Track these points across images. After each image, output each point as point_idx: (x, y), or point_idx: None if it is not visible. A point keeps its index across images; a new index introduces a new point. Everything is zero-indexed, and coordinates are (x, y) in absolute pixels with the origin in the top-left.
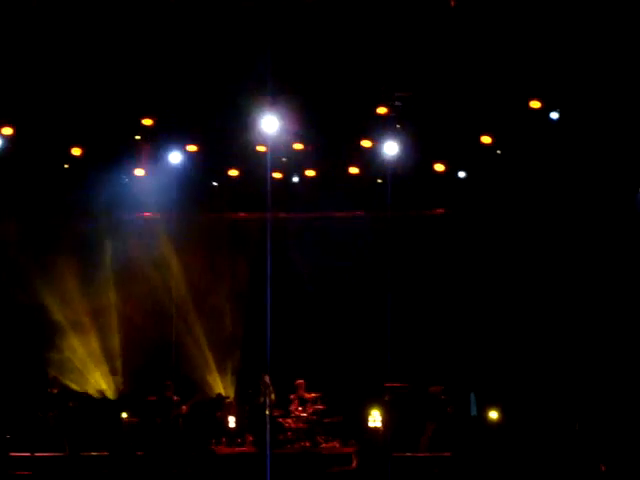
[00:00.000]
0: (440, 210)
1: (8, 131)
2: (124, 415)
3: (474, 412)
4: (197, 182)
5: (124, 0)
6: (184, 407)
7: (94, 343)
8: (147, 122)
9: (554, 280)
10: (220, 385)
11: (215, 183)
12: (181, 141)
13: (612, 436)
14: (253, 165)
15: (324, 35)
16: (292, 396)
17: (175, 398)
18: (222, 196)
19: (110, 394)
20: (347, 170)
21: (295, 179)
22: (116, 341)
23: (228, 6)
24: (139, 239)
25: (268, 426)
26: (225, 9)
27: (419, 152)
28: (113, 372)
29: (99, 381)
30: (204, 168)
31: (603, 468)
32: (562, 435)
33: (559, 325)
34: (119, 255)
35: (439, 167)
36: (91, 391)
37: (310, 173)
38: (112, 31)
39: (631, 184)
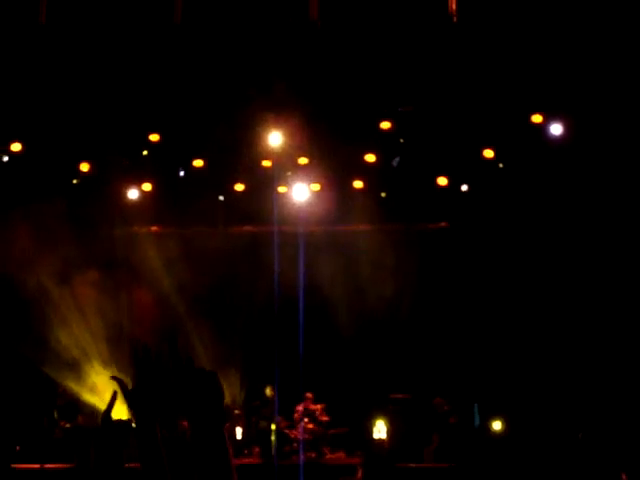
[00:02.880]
0: (443, 223)
1: (17, 147)
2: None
3: (477, 423)
4: (203, 196)
5: (130, 19)
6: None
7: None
8: (154, 138)
9: (557, 292)
10: (227, 397)
11: (221, 197)
12: (187, 156)
13: (616, 446)
14: (259, 179)
15: (328, 51)
16: (298, 407)
17: None
18: (228, 210)
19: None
20: (351, 184)
21: (301, 193)
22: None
23: (234, 24)
24: (148, 254)
25: (274, 437)
26: (231, 27)
27: (422, 166)
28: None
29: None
30: (210, 182)
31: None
32: (565, 445)
33: (562, 336)
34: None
35: (442, 181)
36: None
37: (315, 187)
38: (118, 48)
39: (635, 198)
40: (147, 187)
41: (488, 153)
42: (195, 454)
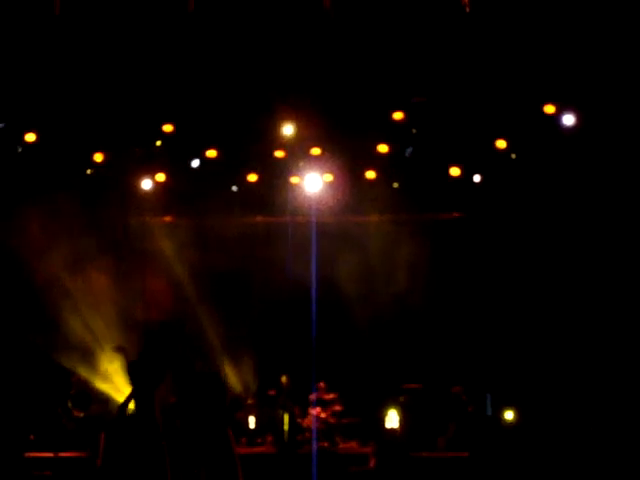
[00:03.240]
0: (456, 213)
1: (31, 137)
2: None
3: (490, 413)
4: (216, 187)
5: (144, 8)
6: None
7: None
8: (167, 128)
9: (570, 282)
10: (240, 386)
11: (234, 188)
12: (201, 147)
13: (627, 437)
14: (271, 170)
15: (341, 41)
16: (311, 397)
17: None
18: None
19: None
20: (364, 174)
21: (311, 184)
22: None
23: (247, 14)
24: (161, 243)
25: (287, 427)
26: (244, 17)
27: (435, 156)
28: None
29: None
30: (224, 173)
31: None
32: (577, 436)
33: (576, 326)
34: (141, 262)
35: (455, 171)
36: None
37: (328, 178)
38: (132, 38)
39: None
40: (160, 177)
41: (501, 144)
42: (200, 447)
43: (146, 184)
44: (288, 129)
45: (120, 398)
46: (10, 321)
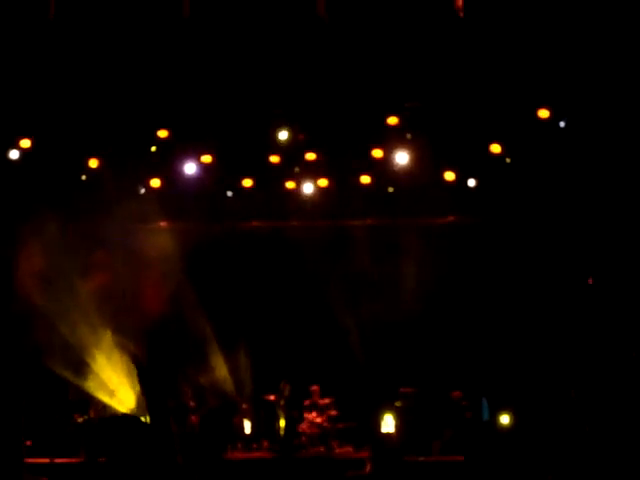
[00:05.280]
0: (451, 217)
1: (26, 143)
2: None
3: (486, 417)
4: (212, 192)
5: (138, 13)
6: (200, 413)
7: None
8: (162, 134)
9: (564, 286)
10: (235, 391)
11: (230, 193)
12: (196, 152)
13: (625, 440)
14: (267, 175)
15: (336, 46)
16: (306, 402)
17: (191, 404)
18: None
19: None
20: (359, 179)
21: (308, 189)
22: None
23: (242, 20)
24: (154, 250)
25: (283, 432)
26: (239, 23)
27: (429, 161)
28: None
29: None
30: (218, 178)
31: None
32: (573, 440)
33: (572, 330)
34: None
35: (449, 175)
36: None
37: (323, 183)
38: (127, 44)
39: None
40: (155, 183)
41: (495, 148)
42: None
43: (141, 190)
44: (283, 134)
45: (117, 404)
46: (7, 325)
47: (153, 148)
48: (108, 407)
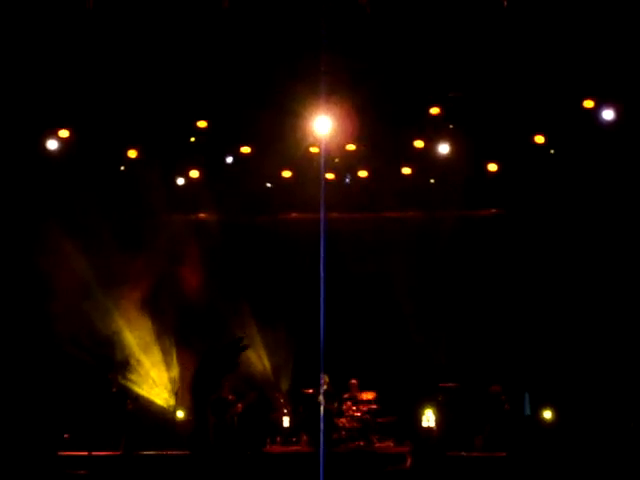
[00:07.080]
0: (493, 210)
1: (65, 133)
2: (180, 415)
3: (528, 412)
4: (251, 184)
5: (179, 5)
6: (239, 406)
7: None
8: (202, 124)
9: (607, 279)
10: (275, 384)
11: (269, 185)
12: (235, 143)
13: None
14: (306, 166)
15: (376, 36)
16: (346, 395)
17: (230, 397)
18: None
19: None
20: (400, 170)
21: (348, 180)
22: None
23: (281, 8)
24: (193, 241)
25: (322, 425)
26: (278, 11)
27: (472, 152)
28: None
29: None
30: (258, 170)
31: None
32: (616, 434)
33: (615, 325)
34: (175, 258)
35: (492, 167)
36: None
37: (363, 174)
38: (167, 34)
39: None
40: (194, 174)
41: (539, 139)
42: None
43: (180, 180)
44: (323, 125)
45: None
46: (49, 324)
47: (192, 139)
48: (147, 400)
